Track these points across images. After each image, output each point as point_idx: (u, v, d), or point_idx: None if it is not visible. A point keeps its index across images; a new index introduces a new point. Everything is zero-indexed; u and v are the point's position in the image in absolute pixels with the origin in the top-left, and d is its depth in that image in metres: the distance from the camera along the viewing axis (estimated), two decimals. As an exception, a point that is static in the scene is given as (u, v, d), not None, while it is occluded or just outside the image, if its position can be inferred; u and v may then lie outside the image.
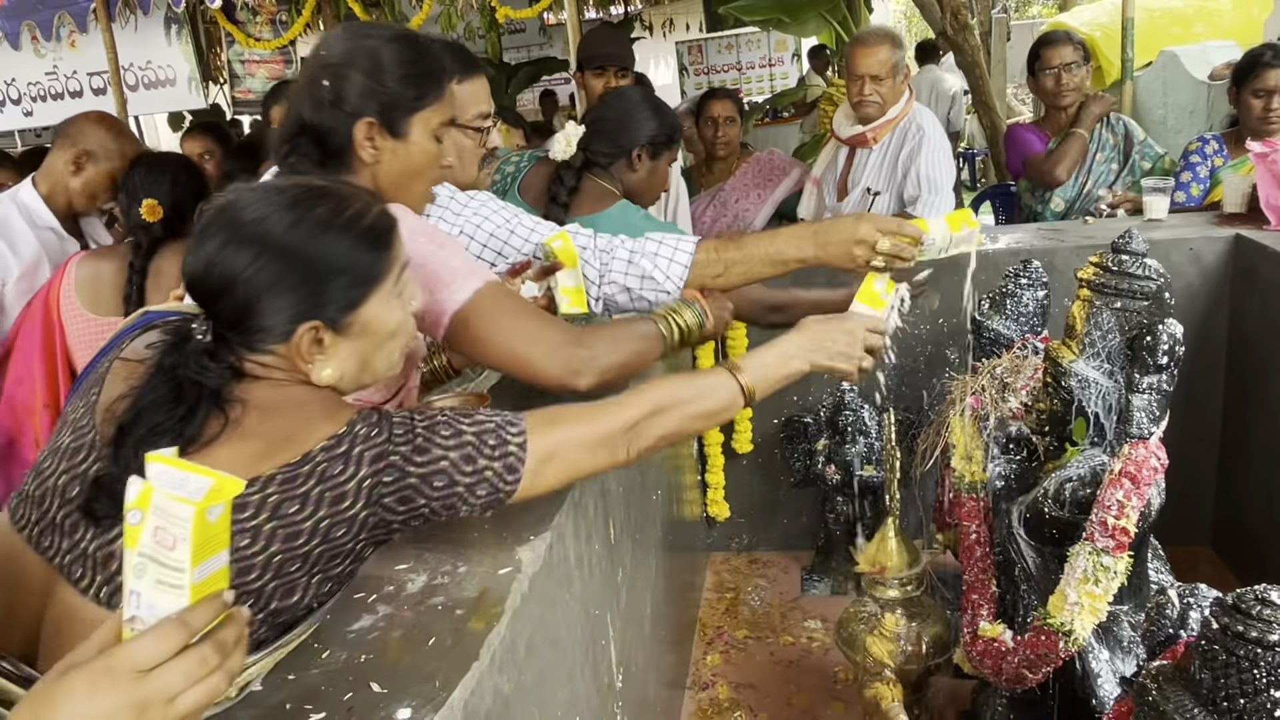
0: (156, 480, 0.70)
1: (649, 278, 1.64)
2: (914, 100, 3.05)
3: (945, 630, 2.05)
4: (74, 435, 1.10)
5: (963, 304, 1.87)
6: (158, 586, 0.71)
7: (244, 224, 1.07)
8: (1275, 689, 0.99)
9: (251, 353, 1.09)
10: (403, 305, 1.17)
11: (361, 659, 1.06)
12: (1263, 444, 2.50)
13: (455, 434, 1.10)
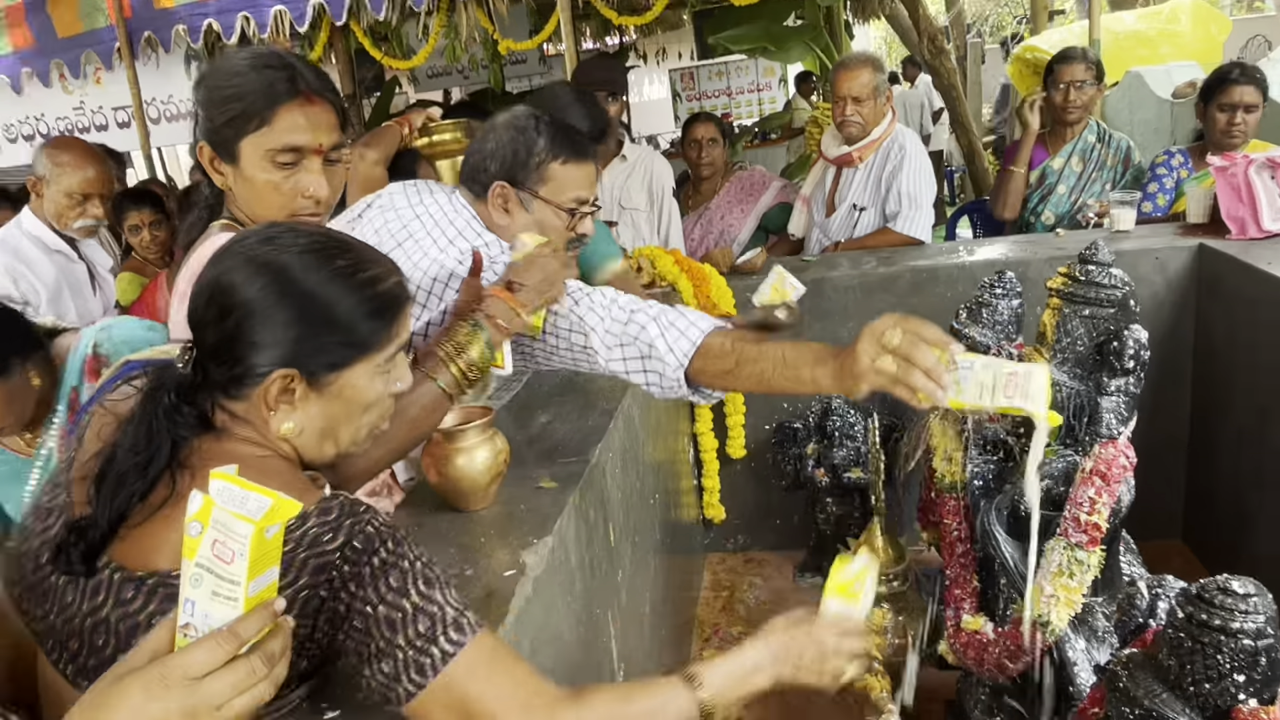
0: (218, 496, 0.71)
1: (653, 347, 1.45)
2: (896, 122, 3.07)
3: (930, 624, 2.06)
4: (50, 495, 1.02)
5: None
6: (213, 597, 0.72)
7: (261, 253, 0.98)
8: (1238, 674, 0.99)
9: (225, 397, 0.99)
10: (386, 384, 1.05)
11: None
12: (1228, 442, 2.50)
13: (399, 591, 0.90)
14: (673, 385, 1.45)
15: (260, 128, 1.29)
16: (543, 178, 1.54)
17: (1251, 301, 2.34)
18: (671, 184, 3.24)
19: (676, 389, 1.45)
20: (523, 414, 1.88)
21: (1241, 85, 2.81)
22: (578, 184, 1.57)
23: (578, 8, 4.77)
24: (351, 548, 0.89)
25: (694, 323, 1.45)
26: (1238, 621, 0.99)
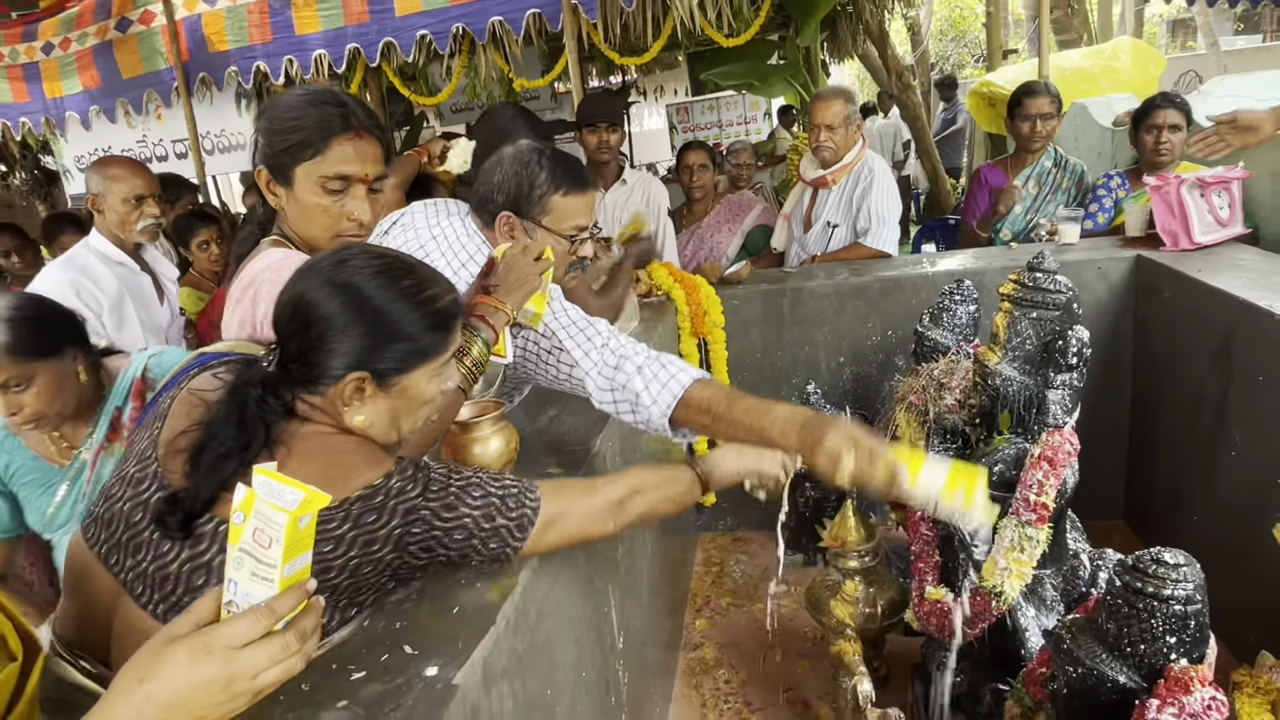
0: (260, 489, 0.72)
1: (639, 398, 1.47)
2: (866, 148, 3.07)
3: (898, 595, 2.05)
4: (139, 465, 1.08)
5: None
6: (253, 578, 0.73)
7: (340, 275, 1.05)
8: (1170, 635, 0.98)
9: (305, 392, 1.06)
10: (440, 384, 1.13)
11: (396, 626, 1.06)
12: (1165, 432, 2.49)
13: (483, 495, 1.07)
14: (658, 429, 1.50)
15: (314, 156, 1.33)
16: (545, 209, 1.53)
17: (1184, 306, 2.33)
18: (667, 204, 3.24)
19: (661, 432, 1.51)
20: (532, 409, 1.87)
21: (1165, 109, 2.82)
22: (577, 213, 1.56)
23: (584, 49, 4.78)
24: (431, 490, 1.03)
25: (675, 376, 1.48)
26: (1169, 589, 0.98)
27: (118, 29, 5.17)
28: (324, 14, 4.88)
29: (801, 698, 2.17)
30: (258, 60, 5.02)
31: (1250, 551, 1.83)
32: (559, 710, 1.26)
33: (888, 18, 6.73)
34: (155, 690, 0.70)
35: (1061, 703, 1.06)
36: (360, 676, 0.98)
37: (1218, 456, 2.14)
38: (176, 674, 0.70)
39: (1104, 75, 4.92)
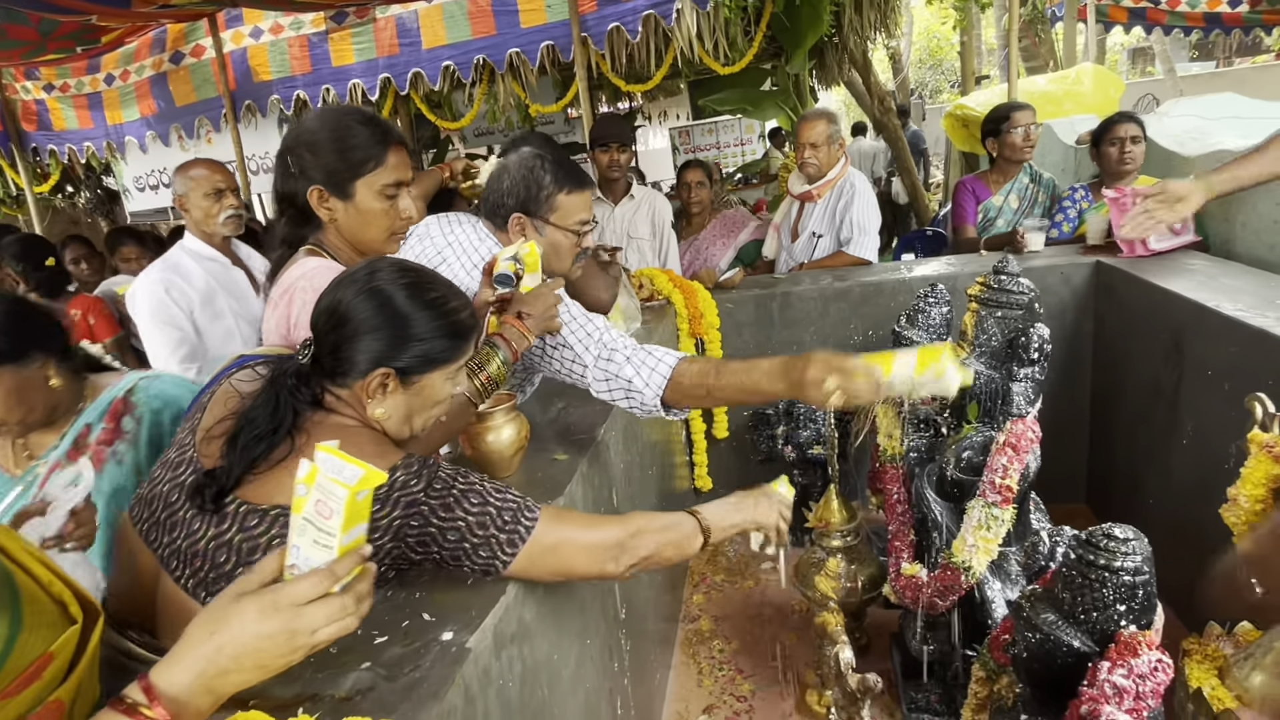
0: (322, 465, 0.74)
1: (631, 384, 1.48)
2: (848, 165, 3.06)
3: (877, 571, 2.04)
4: (178, 451, 1.09)
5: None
6: (314, 545, 0.74)
7: (373, 284, 1.07)
8: (1120, 604, 0.98)
9: (334, 384, 1.08)
10: (452, 387, 1.14)
11: (416, 595, 1.06)
12: (1123, 422, 2.48)
13: (481, 503, 1.03)
14: (651, 410, 1.49)
15: (375, 169, 1.34)
16: (552, 207, 1.55)
17: (1139, 306, 2.32)
18: (670, 218, 3.24)
19: (655, 412, 1.49)
20: (543, 401, 1.88)
21: (1125, 123, 2.81)
22: (580, 209, 1.58)
23: (593, 78, 4.79)
24: (434, 488, 1.01)
25: (661, 359, 1.49)
26: (1119, 561, 0.97)
27: (172, 61, 5.20)
28: (358, 47, 4.90)
29: (789, 665, 2.17)
30: (298, 89, 5.05)
31: (1201, 531, 1.82)
32: (565, 673, 1.26)
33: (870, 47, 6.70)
34: (225, 641, 0.71)
35: (1022, 666, 1.05)
36: (382, 640, 0.98)
37: (1171, 445, 2.12)
38: (246, 627, 0.72)
39: (1068, 98, 4.89)
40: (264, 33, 5.00)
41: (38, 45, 3.98)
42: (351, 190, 1.34)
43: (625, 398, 1.50)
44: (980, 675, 1.24)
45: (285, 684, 0.93)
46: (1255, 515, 1.35)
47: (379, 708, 0.85)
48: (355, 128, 1.34)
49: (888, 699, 1.95)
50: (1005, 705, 1.13)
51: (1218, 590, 1.28)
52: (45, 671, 0.76)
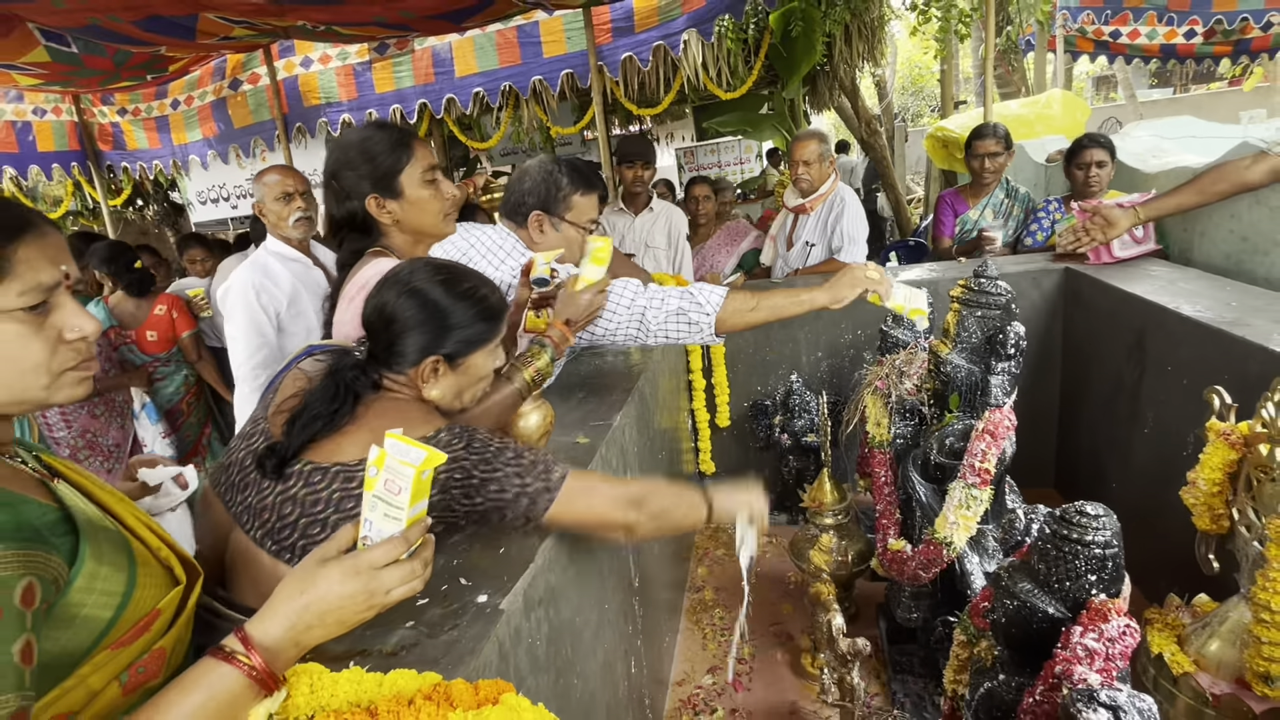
0: (390, 449, 0.77)
1: (691, 309, 1.54)
2: (838, 181, 3.04)
3: (865, 546, 2.03)
4: (252, 424, 1.12)
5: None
6: (384, 518, 0.77)
7: (412, 284, 1.10)
8: (1091, 574, 0.97)
9: (390, 372, 1.11)
10: (493, 363, 1.18)
11: (454, 562, 1.06)
12: (1088, 414, 2.46)
13: (516, 458, 1.06)
14: (703, 329, 1.54)
15: (410, 160, 1.36)
16: (568, 206, 1.57)
17: (1104, 309, 2.30)
18: (685, 230, 3.25)
19: (707, 331, 1.55)
20: (564, 392, 1.87)
21: (1091, 149, 2.78)
22: (591, 209, 1.62)
23: (608, 103, 4.79)
24: (473, 446, 1.03)
25: (714, 289, 1.58)
26: (1091, 535, 0.97)
27: (230, 88, 5.23)
28: (398, 75, 4.92)
29: (785, 631, 2.16)
30: (344, 113, 5.07)
31: (1160, 513, 1.80)
32: (585, 634, 1.26)
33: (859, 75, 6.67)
34: (312, 600, 0.74)
35: (1000, 630, 1.05)
36: (424, 603, 0.99)
37: (1133, 434, 2.10)
38: (331, 588, 0.75)
39: (1039, 121, 4.84)
40: (314, 62, 5.02)
41: (112, 74, 4.01)
42: (398, 187, 1.36)
43: (687, 323, 1.55)
44: (961, 639, 1.23)
45: (336, 640, 0.93)
46: (1212, 497, 1.34)
47: (422, 662, 0.85)
48: (375, 136, 1.36)
49: (875, 661, 1.95)
50: (984, 666, 1.12)
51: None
52: (154, 624, 0.79)
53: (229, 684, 0.69)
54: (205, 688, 0.69)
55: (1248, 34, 4.96)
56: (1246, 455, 1.27)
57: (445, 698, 0.74)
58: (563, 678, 1.14)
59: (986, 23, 3.86)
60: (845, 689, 1.57)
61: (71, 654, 0.70)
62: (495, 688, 0.77)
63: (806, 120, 7.07)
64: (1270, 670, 1.18)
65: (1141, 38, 5.27)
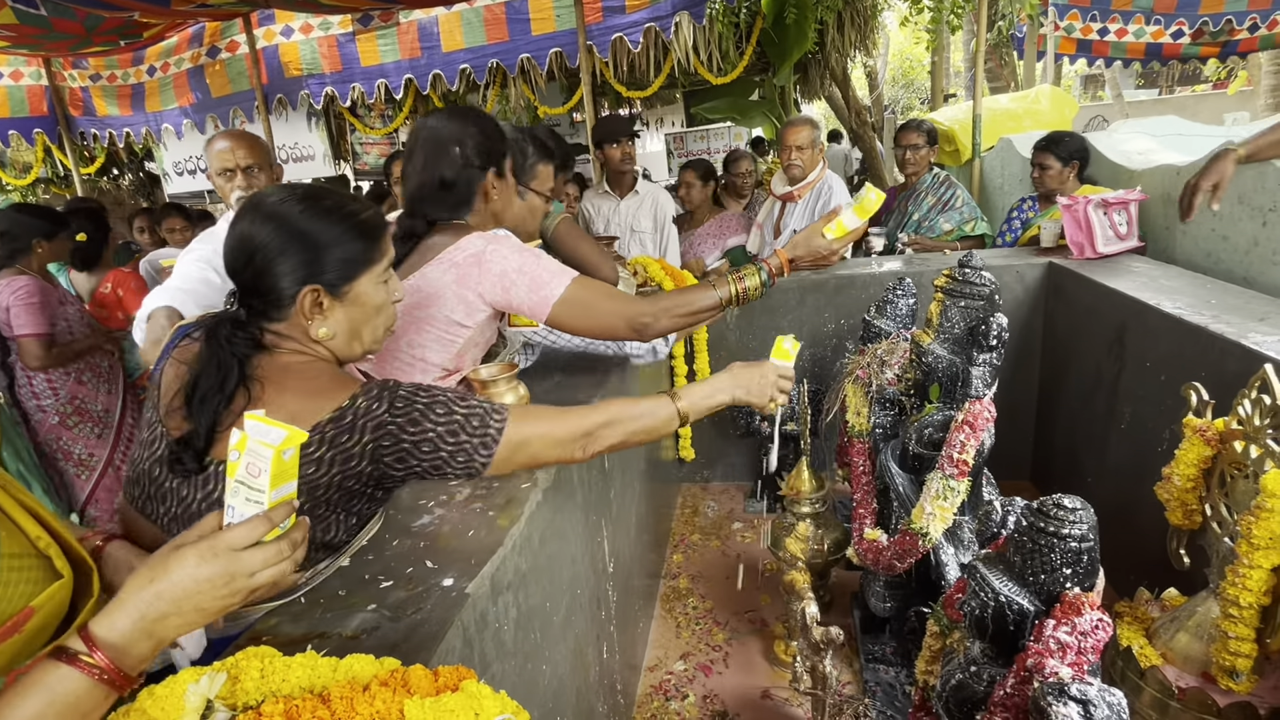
0: (250, 430, 0.71)
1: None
2: (826, 169, 3.02)
3: (842, 535, 2.03)
4: (149, 430, 1.04)
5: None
6: (246, 502, 0.71)
7: (266, 208, 0.99)
8: (1066, 568, 0.96)
9: (269, 322, 1.00)
10: (388, 293, 1.04)
11: (421, 545, 1.03)
12: (1066, 408, 2.47)
13: (448, 413, 0.97)
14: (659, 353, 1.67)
15: (545, 169, 1.54)
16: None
17: (1086, 303, 2.30)
18: (672, 213, 3.21)
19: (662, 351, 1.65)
20: (542, 374, 1.84)
21: (1038, 152, 2.84)
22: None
23: (596, 84, 4.71)
24: (396, 407, 0.94)
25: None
26: (1067, 528, 0.96)
27: (208, 55, 5.08)
28: (383, 48, 4.80)
29: (761, 618, 2.16)
30: (327, 85, 4.95)
31: (1133, 508, 1.81)
32: (556, 619, 1.24)
33: (850, 65, 6.62)
34: (164, 588, 0.68)
35: (974, 622, 1.04)
36: (388, 585, 0.96)
37: (1110, 429, 2.11)
38: (185, 571, 0.68)
39: (1027, 116, 4.85)
40: (294, 31, 4.88)
41: (83, 39, 3.87)
42: (526, 180, 1.50)
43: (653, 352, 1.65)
44: (935, 630, 1.22)
45: (294, 622, 0.90)
46: (1186, 493, 1.35)
47: (382, 646, 0.82)
48: (527, 137, 1.55)
49: (848, 650, 1.95)
50: (956, 657, 1.12)
51: None
52: (25, 625, 0.71)
53: (70, 686, 0.62)
54: (44, 691, 0.62)
55: (1235, 35, 4.99)
56: (1221, 452, 1.27)
57: (402, 684, 0.71)
58: (531, 663, 1.12)
59: (979, 15, 3.84)
60: (817, 677, 1.56)
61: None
62: (455, 674, 0.74)
63: (797, 108, 7.02)
64: (1236, 664, 1.19)
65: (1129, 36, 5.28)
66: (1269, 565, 1.14)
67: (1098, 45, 5.64)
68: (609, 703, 1.59)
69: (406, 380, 1.20)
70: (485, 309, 1.33)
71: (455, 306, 1.29)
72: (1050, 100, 5.16)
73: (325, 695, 0.69)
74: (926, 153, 3.06)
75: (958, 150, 4.56)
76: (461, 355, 1.39)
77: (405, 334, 1.32)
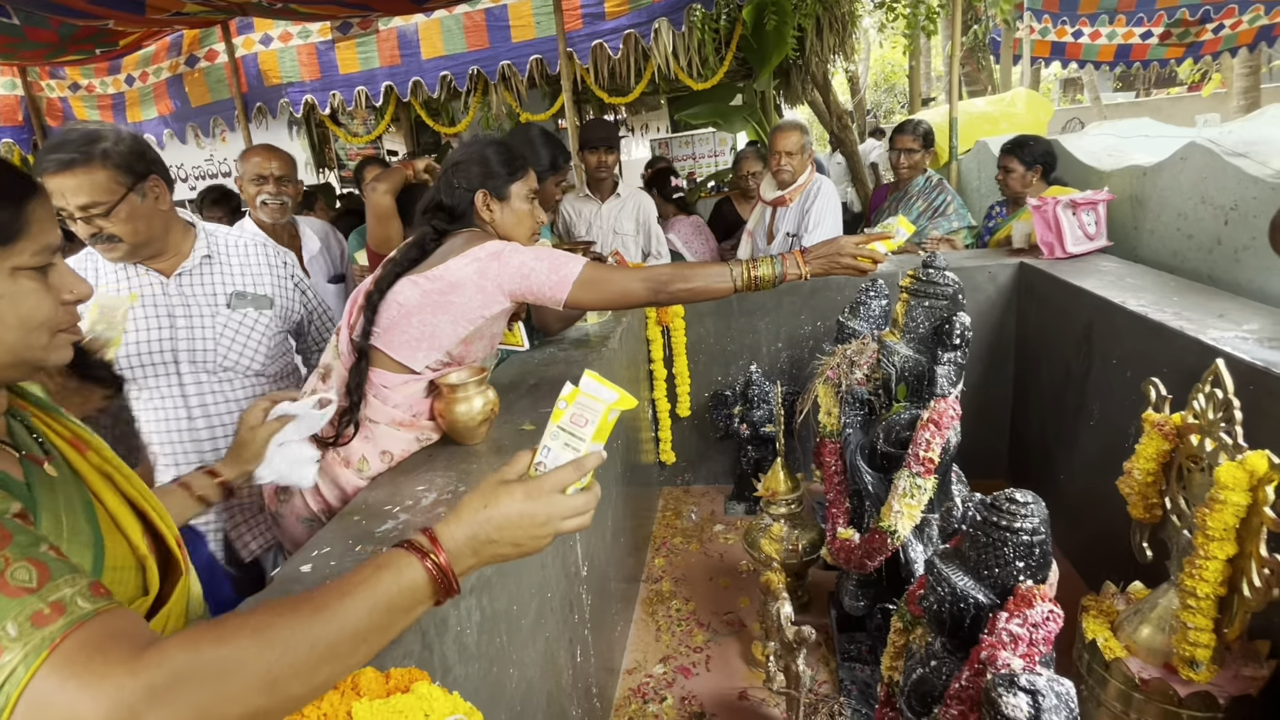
0: (585, 386, 0.77)
1: None
2: (814, 172, 3.03)
3: (818, 535, 2.04)
4: None
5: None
6: (564, 448, 0.77)
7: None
8: (1018, 560, 0.97)
9: None
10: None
11: (384, 550, 1.02)
12: (1038, 406, 2.50)
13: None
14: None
15: (523, 176, 1.55)
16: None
17: (1056, 303, 2.33)
18: (654, 215, 3.22)
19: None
20: (516, 379, 1.84)
21: (1002, 155, 2.88)
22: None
23: (578, 91, 4.72)
24: None
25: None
26: (1019, 522, 0.97)
27: (187, 65, 5.06)
28: (362, 56, 4.79)
29: (740, 620, 2.16)
30: (307, 94, 4.93)
31: (1103, 503, 1.84)
32: (524, 622, 1.24)
33: (831, 70, 6.68)
34: (494, 514, 0.72)
35: (932, 617, 1.05)
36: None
37: (1079, 426, 2.14)
38: (514, 504, 0.72)
39: (1003, 118, 4.92)
40: (274, 40, 4.87)
41: (58, 47, 3.84)
42: (507, 193, 1.54)
43: None
44: (898, 626, 1.23)
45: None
46: (1146, 487, 1.37)
47: (338, 650, 0.82)
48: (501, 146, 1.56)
49: (824, 650, 1.96)
50: (918, 652, 1.13)
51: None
52: None
53: (413, 576, 0.66)
54: (394, 573, 0.65)
55: (1200, 37, 5.08)
56: (1179, 446, 1.29)
57: (352, 687, 0.72)
58: (497, 666, 1.11)
59: (953, 20, 3.89)
60: (791, 676, 1.57)
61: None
62: (407, 676, 0.75)
63: (779, 113, 7.07)
64: (1195, 655, 1.21)
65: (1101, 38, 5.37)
66: (1224, 556, 1.16)
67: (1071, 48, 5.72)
68: (583, 706, 1.58)
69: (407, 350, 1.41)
70: (502, 301, 1.43)
71: (474, 295, 1.41)
72: (1026, 103, 5.23)
73: (272, 699, 0.69)
74: (922, 156, 3.08)
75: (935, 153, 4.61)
76: (469, 344, 1.47)
77: (421, 312, 1.42)
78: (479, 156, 1.54)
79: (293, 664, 0.56)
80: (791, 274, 1.48)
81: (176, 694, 0.50)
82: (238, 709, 0.52)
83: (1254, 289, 1.99)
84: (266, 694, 0.54)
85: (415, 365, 1.44)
